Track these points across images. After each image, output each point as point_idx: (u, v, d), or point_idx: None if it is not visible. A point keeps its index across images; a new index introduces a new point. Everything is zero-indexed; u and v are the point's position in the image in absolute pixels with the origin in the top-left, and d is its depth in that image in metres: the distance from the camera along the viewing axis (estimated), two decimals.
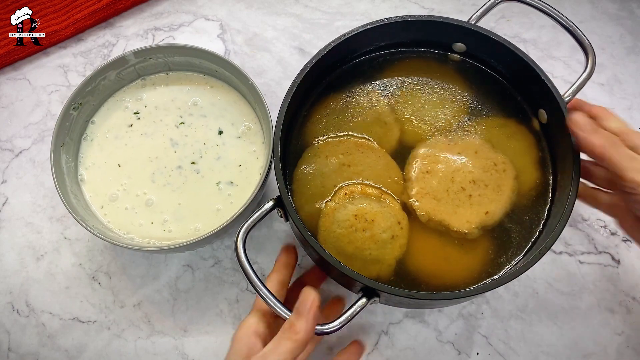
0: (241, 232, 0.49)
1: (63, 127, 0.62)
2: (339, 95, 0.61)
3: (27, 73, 0.79)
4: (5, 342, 0.63)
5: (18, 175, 0.72)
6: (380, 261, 0.53)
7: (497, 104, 0.60)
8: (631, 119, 0.73)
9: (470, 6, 0.82)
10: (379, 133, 0.58)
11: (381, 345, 0.61)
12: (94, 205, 0.62)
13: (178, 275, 0.65)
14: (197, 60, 0.67)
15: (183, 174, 0.63)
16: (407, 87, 0.61)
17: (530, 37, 0.79)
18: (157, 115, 0.67)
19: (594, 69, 0.56)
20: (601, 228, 0.66)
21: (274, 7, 0.84)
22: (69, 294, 0.65)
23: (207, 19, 0.83)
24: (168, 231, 0.61)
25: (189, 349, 0.62)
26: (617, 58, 0.77)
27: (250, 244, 0.66)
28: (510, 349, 0.61)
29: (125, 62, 0.65)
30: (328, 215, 0.54)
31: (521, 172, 0.56)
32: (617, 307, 0.62)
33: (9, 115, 0.76)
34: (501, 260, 0.53)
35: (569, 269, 0.64)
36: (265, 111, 0.60)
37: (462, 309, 0.63)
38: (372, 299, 0.48)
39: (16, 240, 0.68)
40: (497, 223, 0.54)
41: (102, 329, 0.63)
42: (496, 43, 0.57)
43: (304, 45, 0.80)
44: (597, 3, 0.81)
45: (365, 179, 0.56)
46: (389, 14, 0.81)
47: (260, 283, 0.48)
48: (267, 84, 0.77)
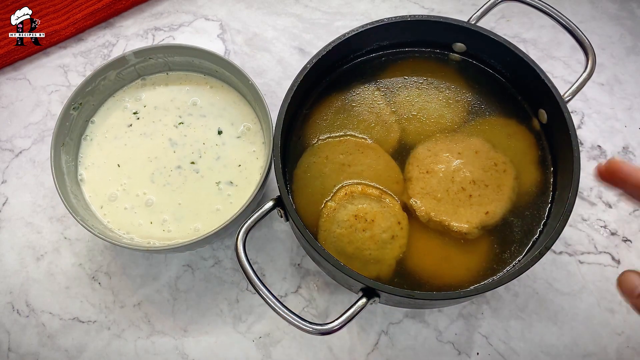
0: (241, 232, 0.49)
1: (63, 127, 0.62)
2: (339, 95, 0.61)
3: (27, 73, 0.79)
4: (5, 342, 0.63)
5: (18, 175, 0.72)
6: (380, 261, 0.53)
7: (498, 104, 0.60)
8: (631, 119, 0.73)
9: (470, 6, 0.82)
10: (379, 133, 0.58)
11: (381, 345, 0.61)
12: (93, 205, 0.62)
13: (178, 275, 0.65)
14: (197, 60, 0.67)
15: (183, 174, 0.63)
16: (407, 87, 0.61)
17: (530, 37, 0.79)
18: (157, 115, 0.67)
19: (594, 69, 0.56)
20: (601, 228, 0.66)
21: (274, 7, 0.84)
22: (69, 294, 0.65)
23: (207, 19, 0.83)
24: (168, 231, 0.61)
25: (189, 349, 0.62)
26: (617, 58, 0.77)
27: (250, 244, 0.66)
28: (510, 349, 0.61)
29: (125, 62, 0.65)
30: (328, 215, 0.54)
31: (521, 172, 0.56)
32: (617, 307, 0.62)
33: (9, 115, 0.76)
34: (501, 260, 0.53)
35: (569, 269, 0.64)
36: (265, 111, 0.60)
37: (462, 309, 0.63)
38: (372, 299, 0.48)
39: (16, 240, 0.68)
40: (498, 223, 0.54)
41: (102, 329, 0.63)
42: (496, 43, 0.57)
43: (304, 45, 0.80)
44: (597, 3, 0.81)
45: (366, 179, 0.56)
46: (389, 14, 0.81)
47: (260, 283, 0.48)
48: (267, 84, 0.77)
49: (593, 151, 0.71)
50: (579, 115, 0.73)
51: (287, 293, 0.64)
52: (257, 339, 0.62)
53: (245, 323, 0.63)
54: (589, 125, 0.72)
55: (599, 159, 0.70)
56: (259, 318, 0.63)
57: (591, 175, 0.69)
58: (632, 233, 0.66)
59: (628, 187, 0.43)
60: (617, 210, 0.67)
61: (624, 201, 0.67)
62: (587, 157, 0.70)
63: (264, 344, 0.62)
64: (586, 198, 0.68)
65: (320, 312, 0.63)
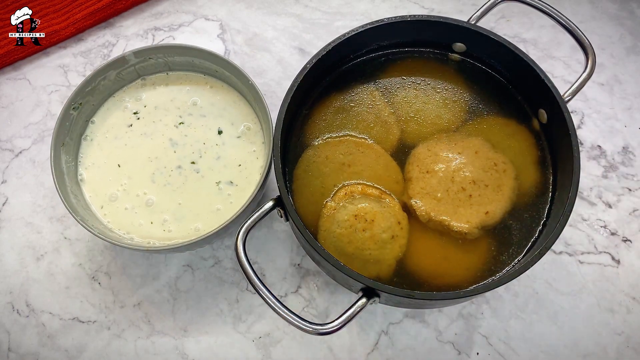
0: (241, 232, 0.49)
1: (63, 127, 0.62)
2: (339, 95, 0.61)
3: (27, 73, 0.79)
4: (5, 342, 0.63)
5: (18, 175, 0.72)
6: (380, 261, 0.53)
7: (497, 104, 0.60)
8: (631, 119, 0.73)
9: (470, 6, 0.82)
10: (379, 133, 0.58)
11: (381, 345, 0.61)
12: (93, 205, 0.62)
13: (178, 275, 0.65)
14: (197, 60, 0.67)
15: (183, 174, 0.63)
16: (407, 87, 0.61)
17: (530, 37, 0.79)
18: (157, 115, 0.67)
19: (594, 69, 0.56)
20: (601, 228, 0.66)
21: (274, 7, 0.84)
22: (69, 294, 0.65)
23: (207, 19, 0.83)
24: (168, 231, 0.61)
25: (189, 349, 0.62)
26: (617, 58, 0.77)
27: (250, 244, 0.66)
28: (510, 349, 0.61)
29: (125, 62, 0.65)
30: (328, 215, 0.54)
31: (521, 172, 0.56)
32: (617, 307, 0.62)
33: (9, 115, 0.76)
34: (501, 260, 0.53)
35: (569, 269, 0.64)
36: (265, 111, 0.60)
37: (462, 309, 0.63)
38: (372, 299, 0.48)
39: (16, 240, 0.68)
40: (497, 223, 0.54)
41: (102, 329, 0.63)
42: (496, 43, 0.57)
43: (304, 45, 0.80)
44: (597, 3, 0.81)
45: (365, 179, 0.56)
46: (389, 14, 0.81)
47: (260, 283, 0.48)
48: (267, 84, 0.77)
49: (593, 151, 0.71)
50: (579, 115, 0.73)
51: (287, 293, 0.64)
52: (257, 339, 0.62)
53: (245, 323, 0.63)
54: (589, 125, 0.73)
55: (599, 159, 0.70)
56: (259, 318, 0.63)
57: (591, 175, 0.69)
58: (632, 233, 0.66)
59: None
60: (617, 210, 0.67)
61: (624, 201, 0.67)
62: (587, 157, 0.71)
63: (264, 344, 0.62)
64: (586, 198, 0.68)
65: (320, 312, 0.63)
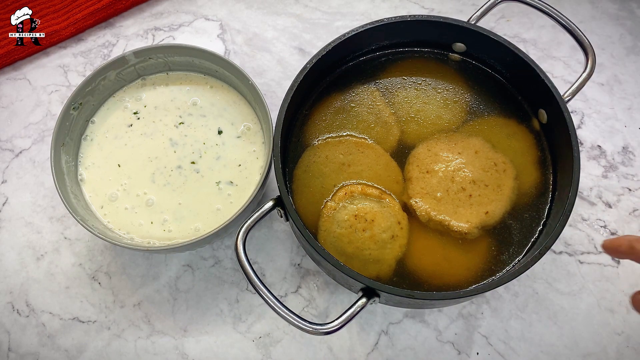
0: (241, 232, 0.49)
1: (63, 127, 0.62)
2: (339, 95, 0.61)
3: (27, 73, 0.79)
4: (5, 342, 0.63)
5: (18, 175, 0.72)
6: (380, 261, 0.53)
7: (497, 104, 0.60)
8: (631, 119, 0.73)
9: (470, 6, 0.82)
10: (379, 133, 0.58)
11: (381, 345, 0.61)
12: (93, 205, 0.62)
13: (178, 275, 0.65)
14: (197, 60, 0.67)
15: (183, 174, 0.63)
16: (407, 87, 0.61)
17: (530, 37, 0.79)
18: (157, 115, 0.67)
19: (594, 69, 0.56)
20: (601, 228, 0.66)
21: (274, 7, 0.84)
22: (69, 294, 0.65)
23: (207, 19, 0.83)
24: (168, 231, 0.61)
25: (189, 349, 0.62)
26: (617, 58, 0.77)
27: (250, 244, 0.66)
28: (510, 349, 0.61)
29: (125, 62, 0.65)
30: (328, 215, 0.54)
31: (521, 172, 0.56)
32: (617, 307, 0.62)
33: (9, 115, 0.76)
34: (501, 260, 0.53)
35: (569, 269, 0.64)
36: (265, 111, 0.60)
37: (462, 309, 0.63)
38: (372, 299, 0.48)
39: (16, 240, 0.68)
40: (497, 223, 0.54)
41: (102, 329, 0.63)
42: (496, 43, 0.57)
43: (304, 45, 0.80)
44: (597, 3, 0.81)
45: (365, 179, 0.56)
46: (389, 14, 0.81)
47: (260, 283, 0.48)
48: (267, 84, 0.77)
49: (593, 151, 0.71)
50: (579, 115, 0.73)
51: (287, 293, 0.64)
52: (257, 339, 0.62)
53: (245, 323, 0.63)
54: (589, 125, 0.72)
55: (599, 159, 0.70)
56: (259, 318, 0.63)
57: (591, 175, 0.69)
58: (632, 233, 0.66)
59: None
60: (617, 210, 0.67)
61: (624, 201, 0.67)
62: (587, 157, 0.71)
63: (264, 344, 0.62)
64: (586, 198, 0.68)
65: (320, 312, 0.63)
